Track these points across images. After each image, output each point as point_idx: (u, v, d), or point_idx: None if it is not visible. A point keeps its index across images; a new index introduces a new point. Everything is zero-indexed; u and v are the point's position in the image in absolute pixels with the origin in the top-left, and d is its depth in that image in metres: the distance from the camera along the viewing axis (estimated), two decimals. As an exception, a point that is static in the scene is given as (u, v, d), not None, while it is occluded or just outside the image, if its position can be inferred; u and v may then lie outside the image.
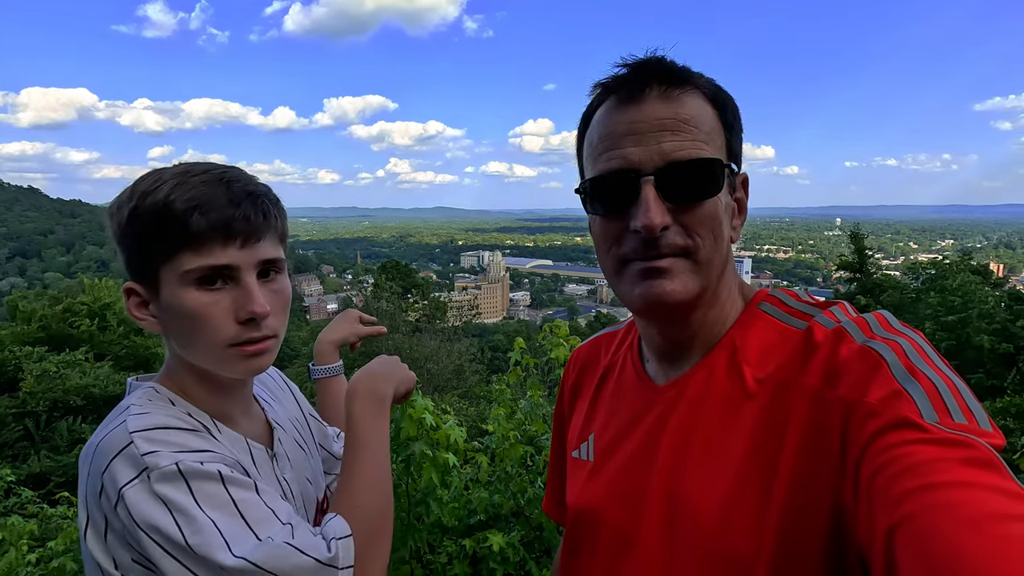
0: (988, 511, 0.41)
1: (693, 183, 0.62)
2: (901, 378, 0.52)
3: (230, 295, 0.72)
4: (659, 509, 0.65)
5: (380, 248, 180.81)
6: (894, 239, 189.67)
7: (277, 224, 0.77)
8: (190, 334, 0.73)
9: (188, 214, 0.69)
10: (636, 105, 0.63)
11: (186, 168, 0.74)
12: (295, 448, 0.92)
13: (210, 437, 0.75)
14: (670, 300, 0.63)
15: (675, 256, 0.63)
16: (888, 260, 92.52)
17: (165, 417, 0.72)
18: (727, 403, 0.64)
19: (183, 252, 0.70)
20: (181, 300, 0.71)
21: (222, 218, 0.70)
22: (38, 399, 8.19)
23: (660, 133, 0.62)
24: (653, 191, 0.61)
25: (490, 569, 2.24)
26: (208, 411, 0.79)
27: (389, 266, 33.00)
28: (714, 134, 0.64)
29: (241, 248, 0.72)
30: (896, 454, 0.47)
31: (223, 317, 0.72)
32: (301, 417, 1.02)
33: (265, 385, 1.00)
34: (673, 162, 0.61)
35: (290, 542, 0.67)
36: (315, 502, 0.92)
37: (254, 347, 0.74)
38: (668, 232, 0.62)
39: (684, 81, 0.64)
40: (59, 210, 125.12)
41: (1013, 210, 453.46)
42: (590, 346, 0.91)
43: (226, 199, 0.71)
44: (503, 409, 2.57)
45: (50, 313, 12.44)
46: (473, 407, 7.81)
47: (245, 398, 0.86)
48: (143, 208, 0.70)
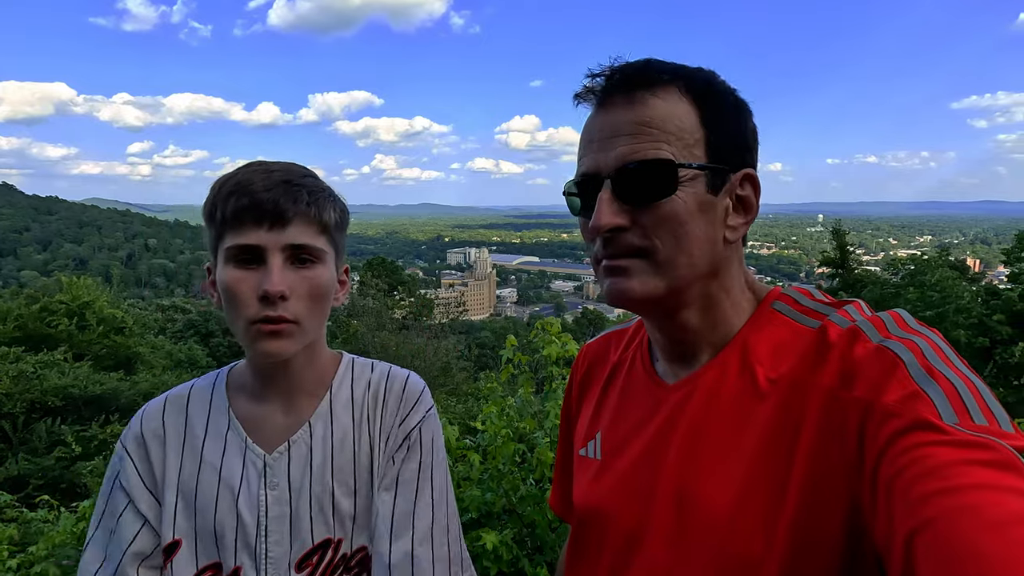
0: (1010, 514, 0.40)
1: (644, 184, 0.62)
2: (919, 379, 0.51)
3: (257, 274, 0.77)
4: (667, 509, 0.64)
5: (366, 245, 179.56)
6: (874, 235, 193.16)
7: (312, 211, 0.79)
8: (228, 310, 0.79)
9: (228, 197, 0.77)
10: (602, 112, 0.66)
11: (256, 163, 0.82)
12: (305, 466, 0.82)
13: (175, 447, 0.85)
14: (629, 297, 0.65)
15: (632, 256, 0.64)
16: (869, 256, 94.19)
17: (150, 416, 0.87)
18: (739, 402, 0.63)
19: (227, 231, 0.78)
20: (223, 275, 0.78)
21: (253, 201, 0.76)
22: (15, 400, 8.00)
23: (616, 138, 0.64)
24: (608, 193, 0.63)
25: (483, 568, 2.23)
26: (250, 390, 0.87)
27: (375, 263, 32.79)
28: (683, 133, 0.63)
29: (269, 231, 0.77)
30: (915, 456, 0.46)
31: (249, 294, 0.77)
32: (370, 444, 0.86)
33: (369, 393, 0.88)
34: (623, 165, 0.63)
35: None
36: (313, 536, 0.81)
37: (269, 326, 0.77)
38: (626, 233, 0.64)
39: (652, 83, 0.64)
40: (35, 207, 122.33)
41: (989, 207, 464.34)
42: (599, 343, 0.90)
43: (262, 185, 0.77)
44: (494, 407, 2.56)
45: (27, 312, 12.17)
46: (461, 404, 7.79)
47: (294, 387, 0.86)
48: (209, 196, 0.80)
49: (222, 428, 0.85)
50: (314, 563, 0.82)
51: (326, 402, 0.87)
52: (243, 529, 0.80)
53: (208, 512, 0.80)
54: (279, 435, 0.84)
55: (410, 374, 0.93)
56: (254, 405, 0.86)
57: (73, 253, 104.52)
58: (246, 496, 0.81)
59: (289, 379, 0.85)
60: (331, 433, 0.85)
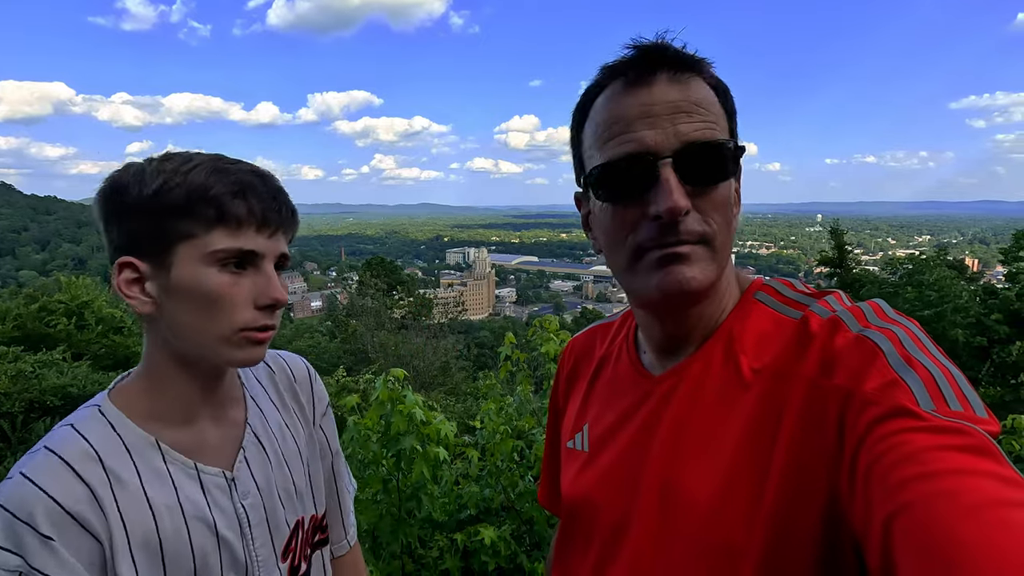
0: (985, 498, 0.41)
1: (710, 165, 0.61)
2: (897, 367, 0.52)
3: (251, 279, 0.74)
4: (653, 499, 0.65)
5: (365, 245, 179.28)
6: (873, 235, 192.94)
7: (295, 223, 0.80)
8: (201, 315, 0.72)
9: (228, 196, 0.71)
10: (647, 88, 0.61)
11: (217, 156, 0.76)
12: (264, 464, 0.84)
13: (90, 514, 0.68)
14: (690, 288, 0.61)
15: (694, 243, 0.61)
16: (867, 255, 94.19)
17: (48, 486, 0.66)
18: (723, 393, 0.64)
19: (216, 231, 0.71)
20: (201, 279, 0.71)
21: (263, 206, 0.74)
22: (14, 400, 7.97)
23: (675, 115, 0.60)
24: (674, 174, 0.60)
25: (481, 562, 2.24)
26: (172, 415, 0.77)
27: (374, 263, 32.73)
28: (720, 118, 0.64)
29: (269, 238, 0.75)
30: (893, 443, 0.47)
31: (243, 300, 0.73)
32: (299, 424, 0.93)
33: (278, 378, 0.94)
34: (691, 143, 0.60)
35: None
36: (288, 523, 0.85)
37: (264, 334, 0.75)
38: (688, 218, 0.60)
39: (691, 67, 0.64)
40: (33, 206, 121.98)
41: (987, 206, 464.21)
42: (585, 337, 0.91)
43: (265, 190, 0.75)
44: (493, 404, 2.57)
45: (25, 312, 12.11)
46: (460, 404, 7.80)
47: (224, 396, 0.82)
48: (174, 185, 0.70)
49: (157, 465, 0.75)
50: (295, 547, 0.86)
51: (250, 400, 0.88)
52: (229, 551, 0.77)
53: (183, 555, 0.74)
54: (222, 447, 0.81)
55: (289, 352, 1.00)
56: (183, 428, 0.78)
57: (72, 253, 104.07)
58: (223, 518, 0.77)
59: (223, 388, 0.83)
60: (269, 427, 0.88)
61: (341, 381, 6.18)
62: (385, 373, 2.28)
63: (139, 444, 0.75)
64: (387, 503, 2.27)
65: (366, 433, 2.26)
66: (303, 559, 0.88)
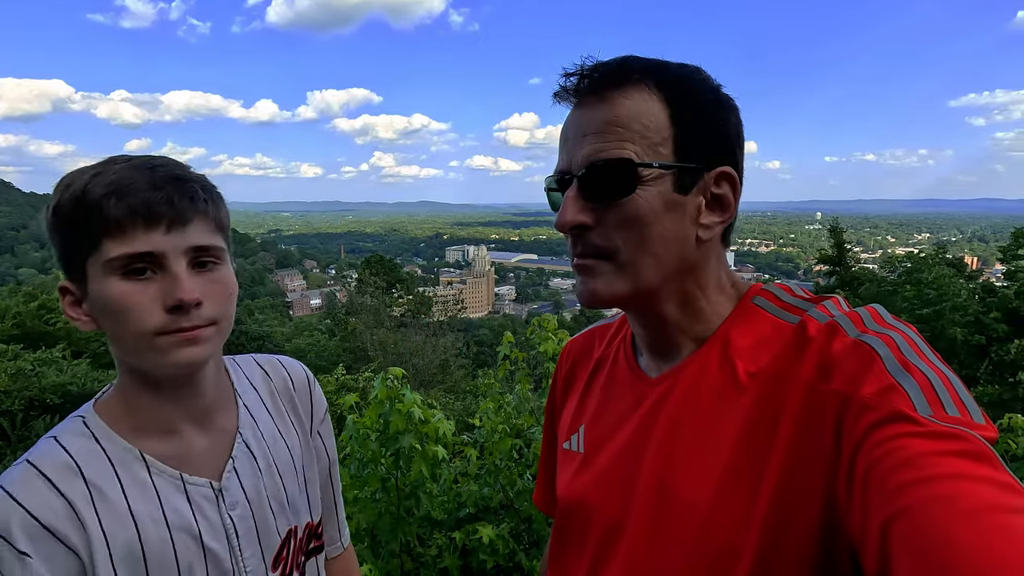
0: (982, 503, 0.41)
1: (608, 183, 0.63)
2: (894, 372, 0.52)
3: (158, 283, 0.69)
4: (648, 501, 0.65)
5: (364, 243, 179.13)
6: (872, 233, 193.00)
7: (209, 209, 0.73)
8: (117, 327, 0.70)
9: (106, 199, 0.66)
10: (575, 111, 0.67)
11: (111, 158, 0.71)
12: (254, 473, 0.82)
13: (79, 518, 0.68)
14: (595, 299, 0.66)
15: (596, 257, 0.65)
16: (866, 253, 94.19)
17: (27, 501, 0.66)
18: (719, 396, 0.64)
19: (104, 240, 0.67)
20: (105, 291, 0.68)
21: (143, 201, 0.67)
22: (13, 398, 7.99)
23: (585, 137, 0.65)
24: (574, 191, 0.65)
25: (480, 560, 2.25)
26: (153, 426, 0.75)
27: (373, 261, 32.74)
28: (649, 132, 0.63)
29: (167, 233, 0.68)
30: (891, 448, 0.47)
31: (149, 305, 0.68)
32: (294, 431, 0.91)
33: (275, 386, 0.91)
34: (588, 164, 0.64)
35: None
36: (279, 532, 0.84)
37: (187, 334, 0.70)
38: (590, 233, 0.65)
39: (621, 82, 0.64)
40: (32, 204, 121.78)
41: (986, 204, 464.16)
42: (583, 338, 0.91)
43: (147, 183, 0.68)
44: (491, 402, 2.58)
45: (25, 310, 12.14)
46: (459, 402, 7.82)
47: (209, 404, 0.79)
48: (64, 200, 0.68)
49: (141, 477, 0.73)
50: (286, 556, 0.85)
51: (242, 406, 0.85)
52: (216, 561, 0.76)
53: (167, 567, 0.73)
54: (210, 457, 0.79)
55: (288, 358, 0.97)
56: (166, 439, 0.76)
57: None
58: (210, 530, 0.76)
59: (205, 395, 0.79)
60: (261, 435, 0.86)
61: (340, 379, 6.19)
62: (384, 372, 2.29)
63: (122, 456, 0.73)
64: (386, 501, 2.28)
65: (365, 432, 2.26)
66: (295, 567, 0.87)
